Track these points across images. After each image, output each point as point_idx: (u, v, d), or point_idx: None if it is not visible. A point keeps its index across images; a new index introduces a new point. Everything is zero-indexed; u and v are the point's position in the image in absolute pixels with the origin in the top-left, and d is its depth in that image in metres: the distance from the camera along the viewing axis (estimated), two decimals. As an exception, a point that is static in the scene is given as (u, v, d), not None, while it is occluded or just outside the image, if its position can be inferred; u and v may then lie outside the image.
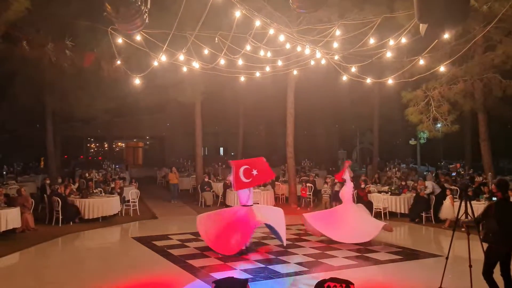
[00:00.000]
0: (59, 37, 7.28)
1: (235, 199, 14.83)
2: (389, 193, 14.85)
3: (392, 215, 14.21)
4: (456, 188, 14.05)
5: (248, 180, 9.69)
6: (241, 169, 9.65)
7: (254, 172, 9.77)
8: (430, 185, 14.21)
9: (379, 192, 15.29)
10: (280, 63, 11.04)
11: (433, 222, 13.21)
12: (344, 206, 11.03)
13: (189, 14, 8.42)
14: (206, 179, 17.75)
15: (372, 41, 9.26)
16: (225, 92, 22.03)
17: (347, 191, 11.06)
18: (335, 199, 14.55)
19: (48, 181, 15.55)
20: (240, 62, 10.25)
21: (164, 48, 8.20)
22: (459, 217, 6.61)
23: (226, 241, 9.38)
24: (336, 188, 14.62)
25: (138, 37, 7.90)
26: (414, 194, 14.05)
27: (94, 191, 14.56)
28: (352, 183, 11.30)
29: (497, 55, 13.45)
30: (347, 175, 11.12)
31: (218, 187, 18.16)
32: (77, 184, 15.97)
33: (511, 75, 14.19)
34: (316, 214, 11.44)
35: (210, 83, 17.59)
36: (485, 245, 6.15)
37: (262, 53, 10.18)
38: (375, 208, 14.04)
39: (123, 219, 14.00)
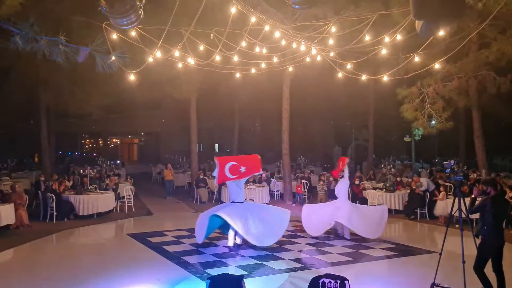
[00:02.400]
0: (53, 32, 7.22)
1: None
2: (384, 189, 14.92)
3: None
4: (450, 184, 14.13)
5: (235, 176, 9.73)
6: (227, 165, 9.71)
7: (242, 169, 9.80)
8: (424, 181, 14.28)
9: (374, 188, 15.35)
10: (275, 59, 11.03)
11: (428, 219, 13.28)
12: (341, 201, 11.00)
13: (184, 10, 8.37)
14: (201, 176, 17.74)
15: (367, 38, 9.27)
16: (221, 89, 22.00)
17: (344, 186, 11.04)
18: (331, 196, 14.59)
19: (42, 178, 15.49)
20: (235, 58, 10.22)
21: (159, 44, 8.16)
22: (452, 213, 6.67)
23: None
24: (331, 186, 14.66)
25: (133, 33, 7.86)
26: (409, 191, 14.12)
27: (89, 187, 14.51)
28: (348, 180, 11.32)
29: (492, 52, 13.51)
30: (346, 171, 11.11)
31: (213, 183, 18.13)
32: (71, 182, 15.86)
33: (505, 72, 14.27)
34: (312, 210, 11.41)
35: (206, 79, 17.56)
36: (478, 241, 6.21)
37: (257, 49, 10.15)
38: (370, 205, 14.09)
39: (118, 216, 13.98)
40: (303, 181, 17.11)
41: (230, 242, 9.69)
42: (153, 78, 15.43)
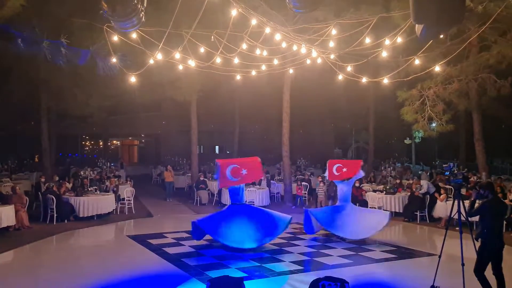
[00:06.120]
0: (54, 34, 7.26)
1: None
2: (384, 192, 14.91)
3: (387, 214, 14.27)
4: (450, 187, 14.13)
5: (236, 179, 9.75)
6: (229, 168, 9.74)
7: (244, 171, 9.84)
8: (425, 184, 14.27)
9: (374, 191, 15.33)
10: (276, 62, 11.04)
11: (428, 221, 13.28)
12: (344, 208, 11.01)
13: (185, 12, 8.39)
14: (202, 178, 17.73)
15: (368, 40, 9.29)
16: (221, 91, 22.03)
17: (348, 189, 11.05)
18: (332, 197, 14.57)
19: (43, 179, 15.49)
20: (236, 60, 10.25)
21: (160, 46, 8.19)
22: (452, 216, 6.68)
23: None
24: (331, 186, 14.64)
25: (134, 35, 7.88)
26: (409, 193, 14.11)
27: (89, 189, 14.51)
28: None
29: (492, 55, 13.51)
30: (361, 173, 11.20)
31: (213, 185, 18.12)
32: (71, 184, 15.83)
33: (505, 75, 14.27)
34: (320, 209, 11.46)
35: (206, 81, 17.57)
36: (478, 244, 6.22)
37: (258, 51, 10.17)
38: (370, 207, 14.08)
39: (118, 217, 13.97)
40: (303, 183, 17.11)
41: None
42: (154, 80, 15.45)
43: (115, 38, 7.77)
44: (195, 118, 19.49)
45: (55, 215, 12.67)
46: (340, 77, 11.10)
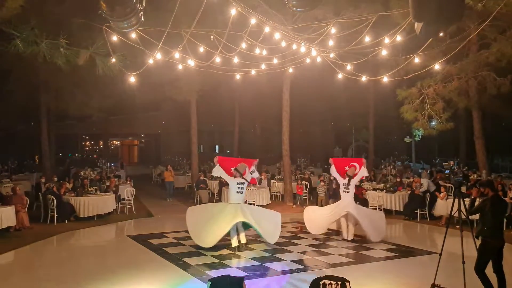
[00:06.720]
0: (54, 34, 7.25)
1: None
2: (384, 190, 14.91)
3: (387, 212, 14.23)
4: (450, 185, 14.13)
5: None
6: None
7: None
8: (425, 182, 14.27)
9: (374, 189, 15.33)
10: (275, 61, 11.03)
11: (428, 220, 13.29)
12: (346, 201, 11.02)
13: (184, 11, 8.37)
14: (202, 177, 17.71)
15: (367, 39, 9.27)
16: (221, 90, 22.03)
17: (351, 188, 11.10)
18: (333, 196, 14.56)
19: (43, 180, 15.48)
20: (235, 60, 10.23)
21: (159, 46, 8.17)
22: (452, 214, 6.69)
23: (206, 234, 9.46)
24: (334, 185, 14.64)
25: (133, 35, 7.87)
26: (409, 192, 14.11)
27: (89, 189, 14.51)
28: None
29: (492, 53, 13.51)
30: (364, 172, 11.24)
31: (213, 185, 18.15)
32: (71, 184, 15.83)
33: (505, 73, 14.27)
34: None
35: (206, 81, 17.56)
36: (478, 242, 6.22)
37: (257, 51, 10.16)
38: (370, 206, 14.09)
39: (118, 217, 13.98)
40: (303, 182, 17.10)
41: (235, 243, 9.72)
42: (154, 80, 15.44)
43: (115, 38, 7.75)
44: (195, 118, 19.49)
45: (55, 215, 12.66)
46: (340, 75, 11.08)
